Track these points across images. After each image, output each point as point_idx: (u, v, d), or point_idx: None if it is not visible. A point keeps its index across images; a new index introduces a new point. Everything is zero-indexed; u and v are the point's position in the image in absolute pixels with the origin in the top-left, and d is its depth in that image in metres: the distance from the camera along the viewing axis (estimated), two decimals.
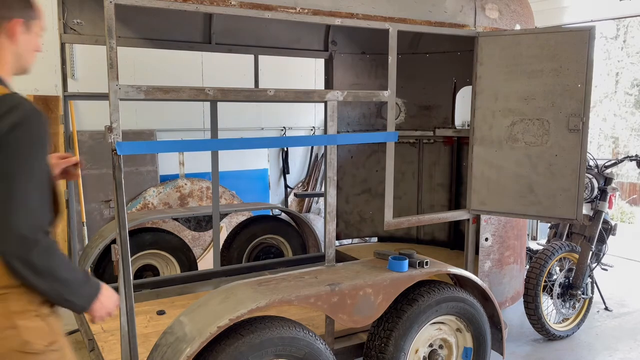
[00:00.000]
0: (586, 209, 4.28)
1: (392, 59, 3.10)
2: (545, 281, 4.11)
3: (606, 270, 4.85)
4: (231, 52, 4.32)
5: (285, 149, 6.92)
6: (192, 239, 5.93)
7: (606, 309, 4.86)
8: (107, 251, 3.82)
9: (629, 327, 4.50)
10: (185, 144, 4.42)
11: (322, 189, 6.74)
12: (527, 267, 4.24)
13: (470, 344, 3.09)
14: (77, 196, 5.26)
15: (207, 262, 5.76)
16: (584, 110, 3.14)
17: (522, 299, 4.09)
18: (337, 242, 5.14)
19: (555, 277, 4.18)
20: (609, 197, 4.30)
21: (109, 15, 2.22)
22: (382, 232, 5.22)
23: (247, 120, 6.54)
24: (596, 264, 4.51)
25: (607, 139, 15.28)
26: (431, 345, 3.00)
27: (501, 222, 3.76)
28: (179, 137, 5.98)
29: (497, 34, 3.42)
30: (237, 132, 6.38)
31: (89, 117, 5.51)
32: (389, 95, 3.12)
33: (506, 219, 3.78)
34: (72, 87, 4.84)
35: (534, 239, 6.87)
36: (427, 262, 2.92)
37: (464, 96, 4.78)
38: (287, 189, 7.02)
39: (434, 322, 2.96)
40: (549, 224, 5.13)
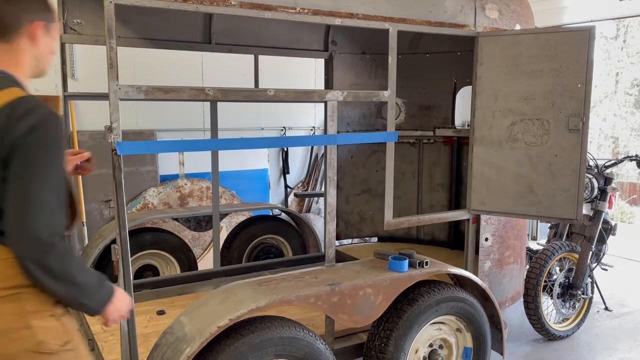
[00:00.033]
0: (586, 209, 4.28)
1: (392, 59, 3.10)
2: (545, 281, 4.11)
3: (606, 270, 4.85)
4: (231, 52, 4.32)
5: (285, 149, 6.92)
6: (192, 239, 5.93)
7: (606, 309, 4.86)
8: (107, 251, 3.83)
9: (629, 327, 4.50)
10: (185, 144, 4.42)
11: (322, 189, 6.74)
12: (527, 267, 4.24)
13: (470, 344, 3.09)
14: (77, 196, 5.25)
15: (207, 262, 5.76)
16: (584, 110, 3.14)
17: (522, 299, 4.09)
18: (337, 242, 5.13)
19: (555, 277, 4.18)
20: (609, 197, 4.30)
21: (109, 15, 2.22)
22: (382, 232, 5.22)
23: (247, 120, 6.54)
24: (596, 264, 4.50)
25: (607, 139, 15.28)
26: (431, 345, 3.01)
27: (501, 222, 3.76)
28: (179, 137, 5.98)
29: (497, 34, 3.42)
30: (237, 132, 6.38)
31: (89, 117, 5.52)
32: (389, 95, 3.12)
33: (506, 219, 3.78)
34: (72, 87, 4.83)
35: (534, 239, 6.87)
36: (427, 262, 2.92)
37: (464, 96, 4.77)
38: (287, 189, 7.02)
39: (434, 322, 2.96)
40: (549, 224, 5.13)
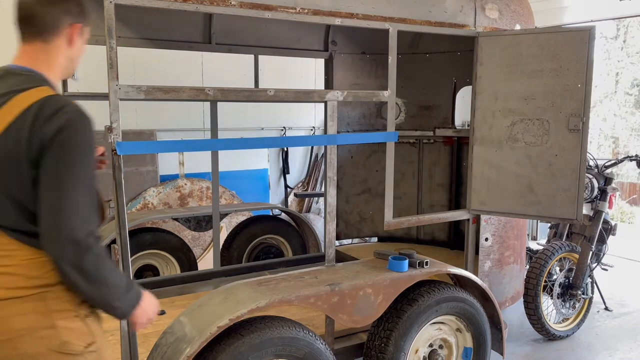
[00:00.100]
0: (586, 209, 4.28)
1: (392, 59, 3.10)
2: (545, 281, 4.11)
3: (606, 270, 4.85)
4: (231, 52, 4.32)
5: (285, 149, 6.92)
6: (192, 239, 5.93)
7: (606, 309, 4.86)
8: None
9: (629, 327, 4.50)
10: (185, 144, 4.43)
11: (322, 189, 6.74)
12: (527, 267, 4.24)
13: (470, 344, 3.09)
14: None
15: (207, 262, 5.76)
16: (584, 110, 3.14)
17: (522, 299, 4.09)
18: (337, 242, 5.13)
19: (555, 277, 4.18)
20: (609, 197, 4.30)
21: (109, 15, 2.22)
22: (382, 232, 5.22)
23: (247, 120, 6.54)
24: (596, 264, 4.50)
25: (607, 139, 15.29)
26: (431, 345, 3.00)
27: (501, 222, 3.76)
28: (179, 137, 5.98)
29: (497, 34, 3.42)
30: (237, 132, 6.38)
31: None
32: (389, 95, 3.12)
33: (506, 219, 3.78)
34: (72, 87, 4.83)
35: (534, 239, 6.87)
36: (427, 262, 2.92)
37: (464, 96, 4.77)
38: (287, 189, 7.02)
39: (434, 322, 2.96)
40: (549, 224, 5.13)
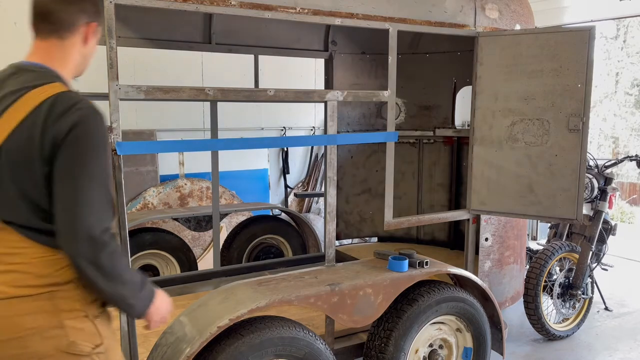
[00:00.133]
0: (586, 209, 4.28)
1: (392, 59, 3.10)
2: (545, 281, 4.11)
3: (606, 270, 4.85)
4: (231, 52, 4.32)
5: (285, 149, 6.92)
6: (192, 239, 5.93)
7: (606, 309, 4.86)
8: None
9: (629, 327, 4.50)
10: (185, 144, 4.43)
11: (322, 189, 6.74)
12: (527, 267, 4.24)
13: (470, 344, 3.09)
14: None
15: (207, 262, 5.76)
16: (584, 110, 3.14)
17: (522, 299, 4.09)
18: (337, 242, 5.13)
19: (555, 277, 4.18)
20: (609, 197, 4.30)
21: (109, 15, 2.22)
22: (382, 232, 5.22)
23: (247, 120, 6.54)
24: (596, 264, 4.50)
25: (607, 139, 15.29)
26: (431, 345, 3.00)
27: (501, 222, 3.76)
28: (179, 137, 5.98)
29: (497, 34, 3.42)
30: (237, 132, 6.38)
31: None
32: (389, 95, 3.12)
33: (506, 219, 3.78)
34: (72, 87, 4.83)
35: (534, 239, 6.87)
36: (427, 262, 2.92)
37: (464, 96, 4.77)
38: (287, 189, 7.02)
39: (434, 322, 2.96)
40: (549, 224, 5.13)
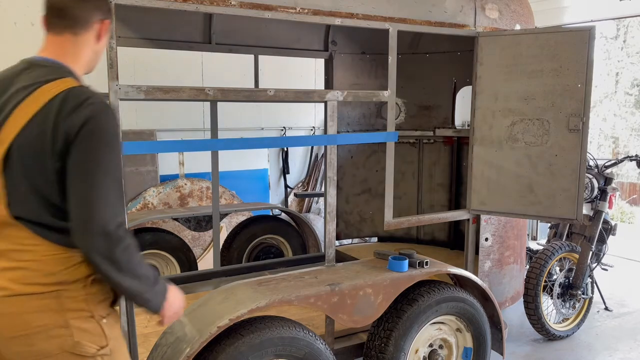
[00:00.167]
0: (586, 209, 4.28)
1: (392, 59, 3.10)
2: (545, 281, 4.11)
3: (606, 270, 4.85)
4: (231, 52, 4.32)
5: (285, 149, 6.91)
6: (192, 239, 5.93)
7: (606, 309, 4.86)
8: None
9: (629, 327, 4.50)
10: (185, 144, 4.43)
11: (322, 189, 6.74)
12: (527, 267, 4.24)
13: (470, 344, 3.09)
14: None
15: (207, 262, 5.76)
16: (584, 110, 3.14)
17: (522, 299, 4.09)
18: (337, 242, 5.13)
19: (555, 277, 4.18)
20: (609, 197, 4.30)
21: None
22: (382, 232, 5.22)
23: (247, 120, 6.54)
24: (596, 264, 4.50)
25: (607, 139, 15.29)
26: (431, 345, 3.00)
27: (501, 222, 3.76)
28: (179, 137, 5.98)
29: (497, 34, 3.42)
30: (237, 132, 6.38)
31: None
32: (389, 95, 3.12)
33: (506, 219, 3.78)
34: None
35: (534, 239, 6.87)
36: (427, 262, 2.92)
37: (464, 96, 4.77)
38: (287, 189, 7.02)
39: (434, 322, 2.96)
40: (549, 224, 5.13)
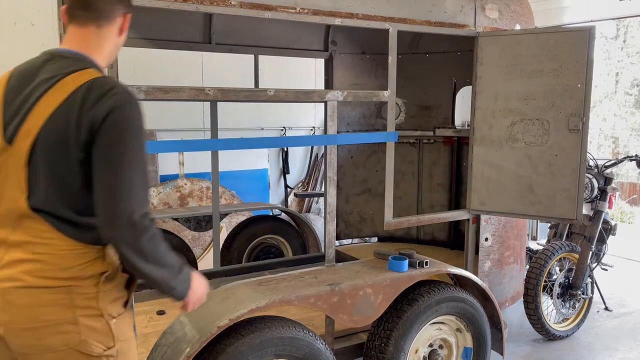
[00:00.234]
0: (586, 209, 4.28)
1: (392, 59, 3.10)
2: (545, 281, 4.11)
3: (606, 270, 4.85)
4: (231, 52, 4.32)
5: (285, 149, 6.91)
6: (192, 239, 5.93)
7: (606, 309, 4.86)
8: None
9: (629, 327, 4.50)
10: (185, 144, 4.43)
11: (322, 189, 6.74)
12: (527, 267, 4.24)
13: (470, 344, 3.09)
14: None
15: (207, 262, 5.76)
16: (584, 110, 3.14)
17: (522, 299, 4.09)
18: (337, 242, 5.13)
19: (555, 277, 4.18)
20: (609, 197, 4.30)
21: None
22: (382, 232, 5.22)
23: (247, 120, 6.54)
24: (596, 264, 4.50)
25: (607, 139, 15.29)
26: (431, 345, 3.00)
27: (501, 222, 3.76)
28: (179, 137, 5.98)
29: (497, 34, 3.42)
30: (237, 132, 6.38)
31: None
32: (389, 95, 3.12)
33: (506, 219, 3.78)
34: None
35: (534, 239, 6.87)
36: (427, 262, 2.92)
37: (464, 96, 4.77)
38: (287, 189, 7.02)
39: (434, 322, 2.96)
40: (549, 224, 5.13)
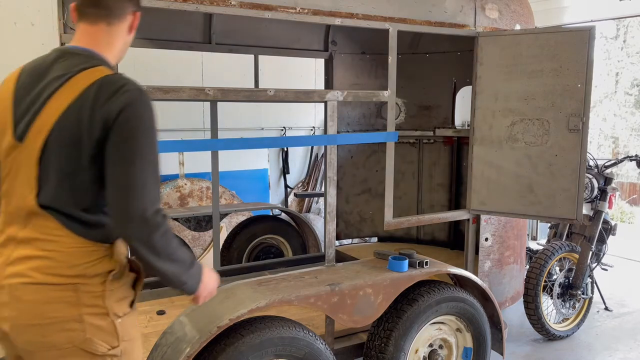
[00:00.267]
0: (586, 209, 4.28)
1: (392, 59, 3.10)
2: (545, 281, 4.11)
3: (606, 270, 4.85)
4: (231, 52, 4.31)
5: (285, 149, 6.91)
6: (192, 239, 5.93)
7: (606, 309, 4.86)
8: None
9: (629, 327, 4.50)
10: (185, 144, 4.42)
11: (322, 189, 6.74)
12: (527, 267, 4.24)
13: (470, 344, 3.09)
14: None
15: (207, 262, 5.76)
16: (584, 110, 3.14)
17: (522, 299, 4.09)
18: (337, 242, 5.13)
19: (555, 277, 4.18)
20: (609, 197, 4.30)
21: None
22: (382, 232, 5.22)
23: (247, 120, 6.54)
24: (596, 264, 4.50)
25: (607, 139, 15.30)
26: (431, 345, 3.00)
27: (501, 222, 3.76)
28: (179, 137, 5.98)
29: (497, 34, 3.42)
30: (237, 132, 6.38)
31: None
32: (389, 95, 3.12)
33: (506, 219, 3.78)
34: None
35: (534, 239, 6.87)
36: (427, 262, 2.92)
37: (464, 96, 4.77)
38: (287, 189, 7.02)
39: (434, 322, 2.96)
40: (549, 224, 5.13)
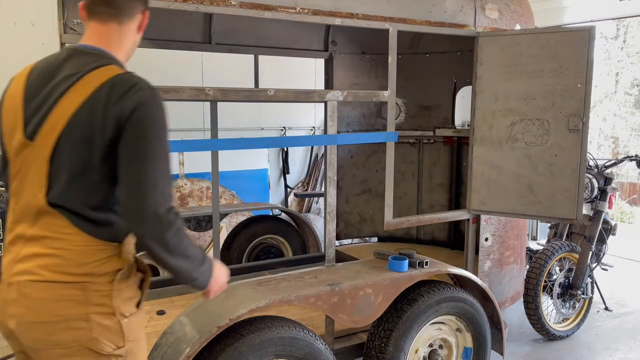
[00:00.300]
0: (586, 209, 4.28)
1: (392, 59, 3.10)
2: (545, 281, 4.11)
3: (606, 270, 4.85)
4: (231, 52, 4.32)
5: (285, 149, 6.91)
6: (192, 239, 5.92)
7: (606, 309, 4.86)
8: None
9: (629, 327, 4.50)
10: (185, 144, 4.42)
11: (322, 189, 6.74)
12: (527, 267, 4.24)
13: (470, 344, 3.09)
14: None
15: None
16: (584, 110, 3.15)
17: (522, 299, 4.09)
18: (337, 242, 5.13)
19: (555, 277, 4.18)
20: (609, 197, 4.30)
21: None
22: (382, 232, 5.22)
23: (247, 120, 6.54)
24: (596, 264, 4.50)
25: (607, 139, 15.30)
26: (431, 345, 3.00)
27: (501, 222, 3.76)
28: (179, 137, 5.98)
29: (497, 34, 3.42)
30: (237, 132, 6.38)
31: None
32: (389, 95, 3.12)
33: (506, 219, 3.78)
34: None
35: (534, 239, 6.87)
36: (427, 262, 2.92)
37: (464, 96, 4.77)
38: (287, 189, 7.02)
39: (434, 322, 2.96)
40: (549, 224, 5.13)
